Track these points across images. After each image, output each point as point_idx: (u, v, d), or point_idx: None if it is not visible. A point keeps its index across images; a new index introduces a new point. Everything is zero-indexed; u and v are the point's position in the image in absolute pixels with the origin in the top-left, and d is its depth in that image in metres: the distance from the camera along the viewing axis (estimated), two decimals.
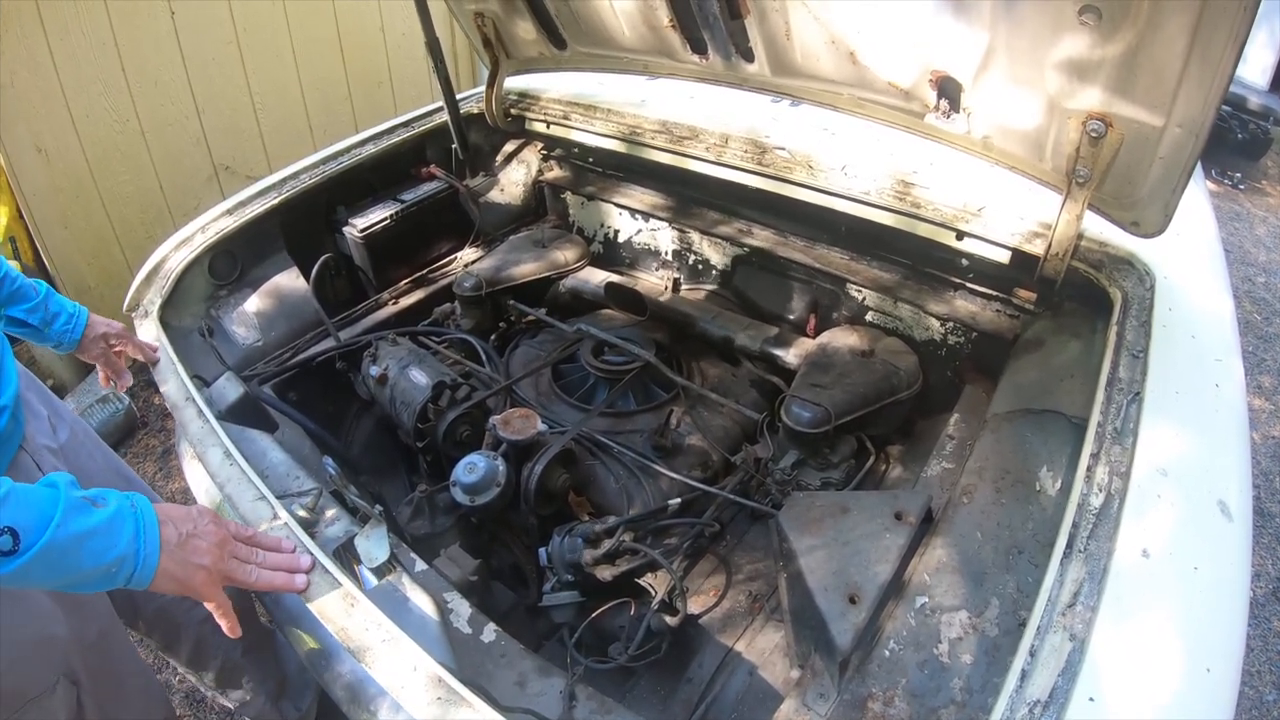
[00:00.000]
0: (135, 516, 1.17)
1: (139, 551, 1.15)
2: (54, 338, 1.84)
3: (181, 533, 1.22)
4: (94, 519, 1.12)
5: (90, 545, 1.10)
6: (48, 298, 1.82)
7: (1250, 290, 5.33)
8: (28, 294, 1.78)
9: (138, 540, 1.15)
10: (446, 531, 1.94)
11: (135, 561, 1.15)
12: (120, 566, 1.13)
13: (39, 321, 1.80)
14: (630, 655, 1.60)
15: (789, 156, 2.24)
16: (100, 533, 1.12)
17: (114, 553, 1.12)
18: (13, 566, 1.04)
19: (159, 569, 1.17)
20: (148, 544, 1.16)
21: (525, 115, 2.89)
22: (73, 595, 1.64)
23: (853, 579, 1.38)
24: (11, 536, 1.03)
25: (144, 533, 1.17)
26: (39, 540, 1.05)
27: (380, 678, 1.26)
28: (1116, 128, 1.56)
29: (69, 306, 1.86)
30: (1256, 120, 6.84)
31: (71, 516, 1.09)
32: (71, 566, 1.09)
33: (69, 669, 1.62)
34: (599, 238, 3.03)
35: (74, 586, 1.14)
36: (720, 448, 2.07)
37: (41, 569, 1.06)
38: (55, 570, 1.09)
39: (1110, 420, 1.43)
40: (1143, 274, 1.77)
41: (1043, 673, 1.08)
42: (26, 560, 1.04)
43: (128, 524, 1.15)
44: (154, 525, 1.18)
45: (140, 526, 1.17)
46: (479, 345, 2.33)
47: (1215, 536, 1.30)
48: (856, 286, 2.34)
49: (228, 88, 4.00)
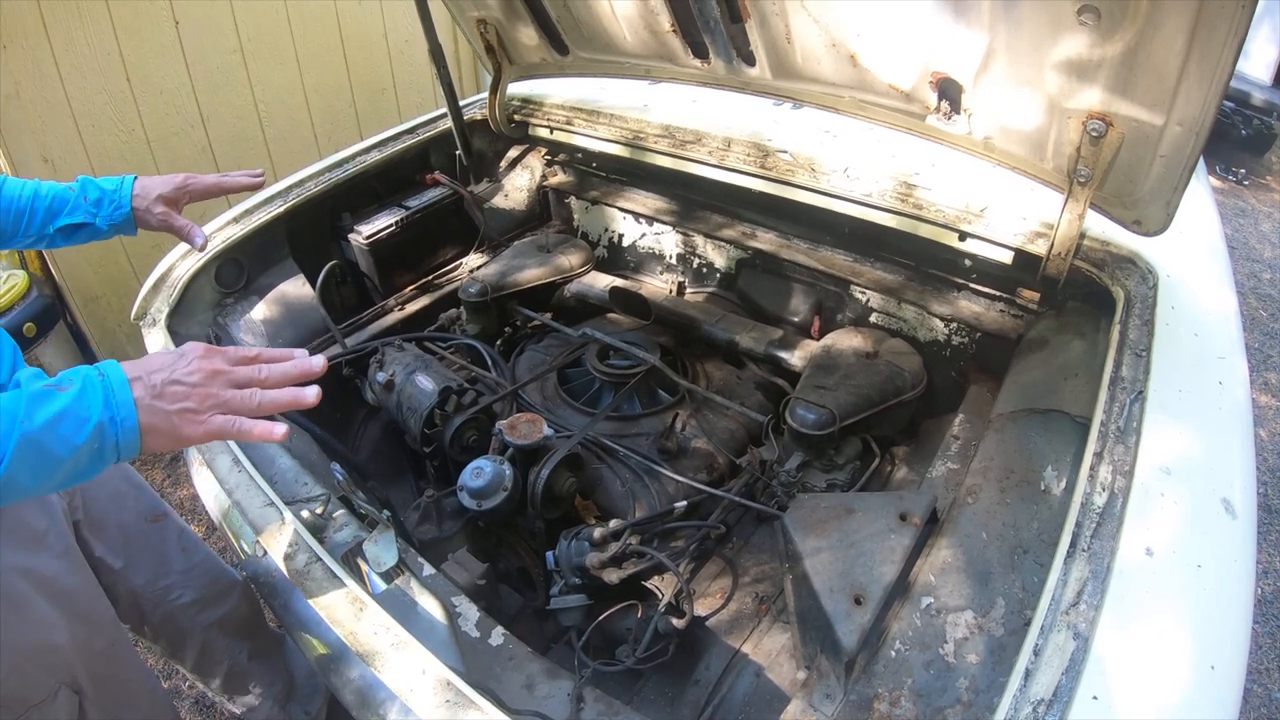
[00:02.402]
0: (104, 384, 1.08)
1: (113, 417, 1.07)
2: (106, 223, 1.77)
3: (154, 383, 1.12)
4: (60, 401, 1.05)
5: (63, 430, 1.04)
6: (84, 189, 1.76)
7: (1256, 286, 5.31)
8: (65, 197, 1.74)
9: (110, 407, 1.07)
10: (454, 536, 1.95)
11: (114, 429, 1.07)
12: (101, 439, 1.06)
13: (86, 216, 1.75)
14: (638, 658, 1.60)
15: (791, 159, 2.25)
16: (70, 413, 1.05)
17: (88, 428, 1.05)
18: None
19: (141, 428, 1.10)
20: (121, 406, 1.08)
21: (529, 121, 2.89)
22: (77, 605, 1.65)
23: (858, 580, 1.38)
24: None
25: (114, 396, 1.08)
26: (11, 442, 1.00)
27: (390, 681, 1.27)
28: (1117, 127, 1.56)
29: (108, 185, 1.78)
30: (1260, 116, 6.82)
31: (36, 407, 1.03)
32: (52, 457, 1.04)
33: (71, 678, 1.62)
34: (603, 242, 3.04)
35: (70, 478, 1.09)
36: (725, 450, 2.07)
37: (25, 471, 1.01)
38: (39, 467, 1.03)
39: (1114, 419, 1.43)
40: (1145, 272, 1.77)
41: (1046, 671, 1.09)
42: (6, 466, 0.99)
43: (96, 394, 1.07)
44: (124, 386, 1.10)
45: (109, 391, 1.08)
46: (485, 350, 2.34)
47: (1219, 534, 1.30)
48: (860, 288, 2.34)
49: (232, 97, 4.00)
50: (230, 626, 2.17)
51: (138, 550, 1.91)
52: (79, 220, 1.74)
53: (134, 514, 1.91)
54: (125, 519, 1.88)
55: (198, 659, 2.15)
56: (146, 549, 1.93)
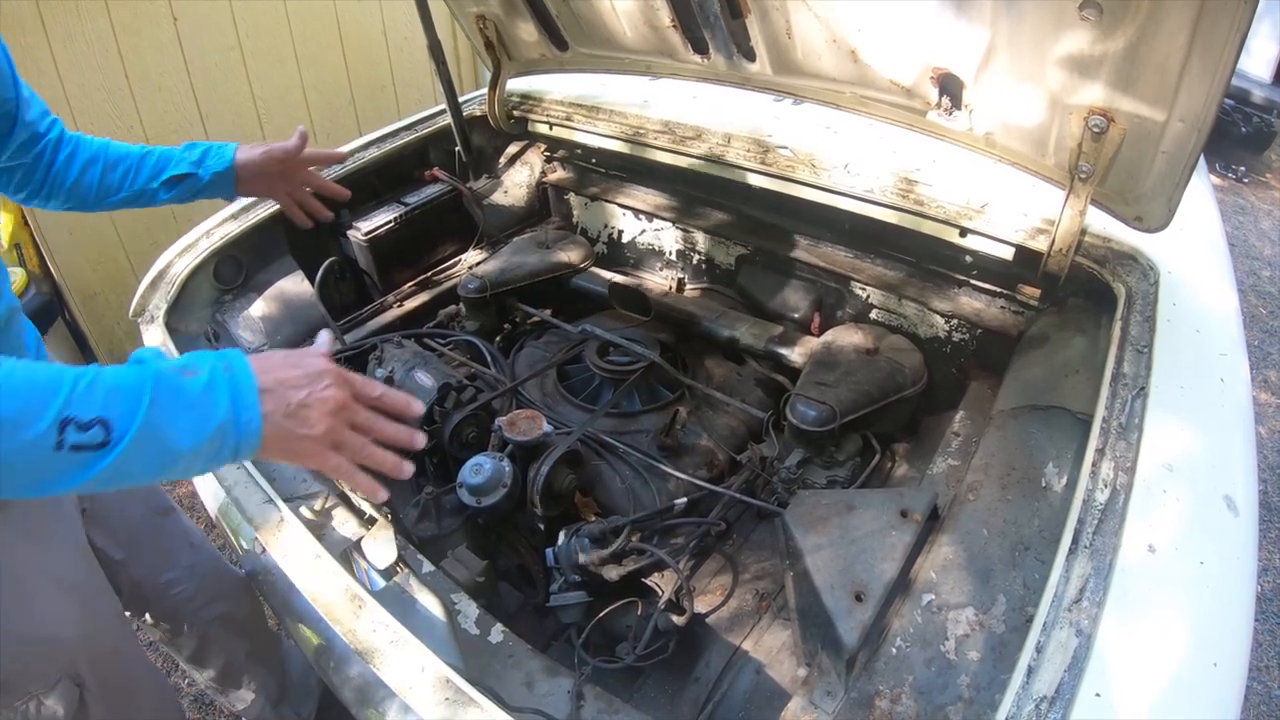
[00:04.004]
0: (230, 382, 1.05)
1: (238, 419, 1.04)
2: (209, 174, 1.82)
3: (290, 401, 1.10)
4: (187, 390, 1.01)
5: (185, 423, 1.00)
6: (191, 146, 1.83)
7: (1256, 284, 5.31)
8: (170, 153, 1.80)
9: (235, 408, 1.04)
10: (453, 533, 1.94)
11: (236, 433, 1.04)
12: (221, 441, 1.03)
13: (190, 167, 1.79)
14: (638, 655, 1.60)
15: (792, 155, 2.24)
16: (196, 407, 1.01)
17: (211, 426, 1.02)
18: (108, 461, 0.95)
19: (264, 440, 1.07)
20: (247, 410, 1.05)
21: (528, 117, 2.89)
22: (85, 600, 1.65)
23: (859, 577, 1.38)
24: (103, 428, 0.94)
25: (241, 397, 1.05)
26: (132, 426, 0.96)
27: (389, 679, 1.27)
28: (1118, 123, 1.55)
29: (213, 143, 1.85)
30: (1261, 114, 6.83)
31: (162, 390, 0.99)
32: (170, 447, 0.99)
33: (74, 670, 1.62)
34: (603, 238, 3.03)
35: (178, 472, 1.05)
36: (726, 447, 2.07)
37: (139, 456, 0.97)
38: (153, 454, 0.98)
39: (1115, 416, 1.43)
40: (1146, 269, 1.76)
41: (1049, 669, 1.08)
42: (121, 451, 0.95)
43: (223, 392, 1.04)
44: (251, 390, 1.06)
45: (237, 393, 1.05)
46: (484, 347, 2.33)
47: (1221, 531, 1.30)
48: (861, 284, 2.34)
49: (231, 94, 4.00)
50: (231, 623, 2.17)
51: (142, 544, 1.91)
52: (183, 171, 1.78)
53: (141, 508, 1.92)
54: (132, 512, 1.89)
55: (195, 650, 2.15)
56: (151, 543, 1.93)
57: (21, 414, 0.90)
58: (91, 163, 1.73)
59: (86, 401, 0.94)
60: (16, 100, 1.55)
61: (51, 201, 1.74)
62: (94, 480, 0.95)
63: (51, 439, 0.91)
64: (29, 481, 0.95)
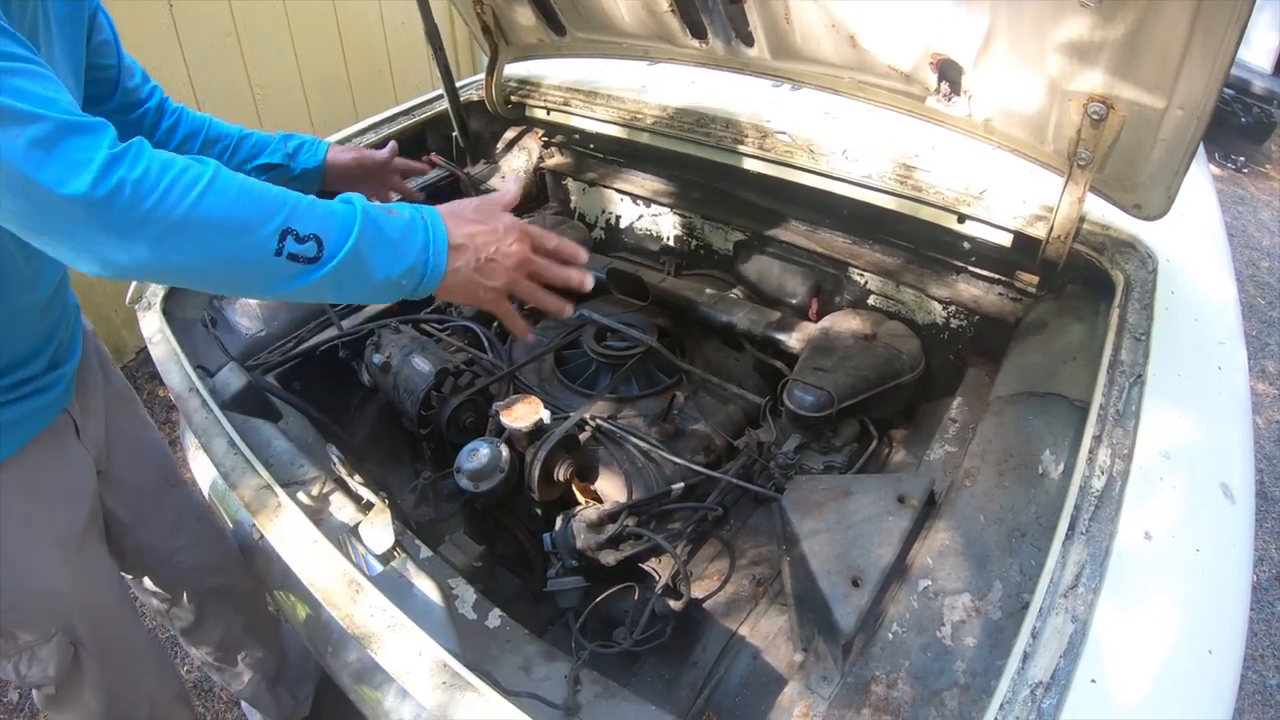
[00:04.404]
0: (426, 228, 1.21)
1: (426, 264, 1.20)
2: (300, 167, 1.92)
3: (479, 256, 1.27)
4: (389, 226, 1.16)
5: (382, 255, 1.15)
6: (286, 137, 1.93)
7: (1254, 274, 5.31)
8: (267, 140, 1.90)
9: (426, 252, 1.20)
10: (451, 518, 1.95)
11: (422, 272, 1.20)
12: (408, 277, 1.19)
13: (283, 158, 1.89)
14: (635, 639, 1.60)
15: (790, 141, 2.23)
16: (396, 243, 1.17)
17: (404, 264, 1.17)
18: (316, 275, 1.09)
19: (446, 283, 1.24)
20: (436, 257, 1.21)
21: (525, 102, 2.88)
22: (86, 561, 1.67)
23: (856, 562, 1.38)
24: (317, 243, 1.08)
25: (432, 245, 1.21)
26: (342, 249, 1.10)
27: (386, 663, 1.27)
28: (1118, 110, 1.55)
29: (308, 138, 1.95)
30: (1260, 104, 6.82)
31: (369, 225, 1.14)
32: (365, 274, 1.14)
33: (69, 627, 1.65)
34: (600, 224, 3.02)
35: (363, 296, 1.21)
36: (723, 432, 2.06)
37: (339, 277, 1.11)
38: (350, 278, 1.13)
39: (1112, 402, 1.43)
40: (1145, 257, 1.76)
41: (1044, 655, 1.09)
42: (330, 269, 1.09)
43: (418, 235, 1.20)
44: (442, 241, 1.22)
45: (428, 239, 1.21)
46: (481, 332, 2.33)
47: (1218, 519, 1.30)
48: (858, 270, 2.33)
49: (227, 81, 3.98)
50: (230, 597, 2.19)
51: (150, 511, 1.93)
52: (276, 161, 1.89)
53: (153, 476, 1.94)
54: (143, 479, 1.91)
55: (192, 622, 2.17)
56: (158, 512, 1.95)
57: (252, 216, 1.04)
58: (192, 136, 1.82)
59: (306, 218, 1.08)
60: (118, 67, 1.66)
61: None
62: (301, 290, 1.10)
63: (273, 245, 1.05)
64: (250, 280, 1.11)
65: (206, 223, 1.02)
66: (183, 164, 1.03)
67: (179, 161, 1.04)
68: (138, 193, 0.99)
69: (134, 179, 0.99)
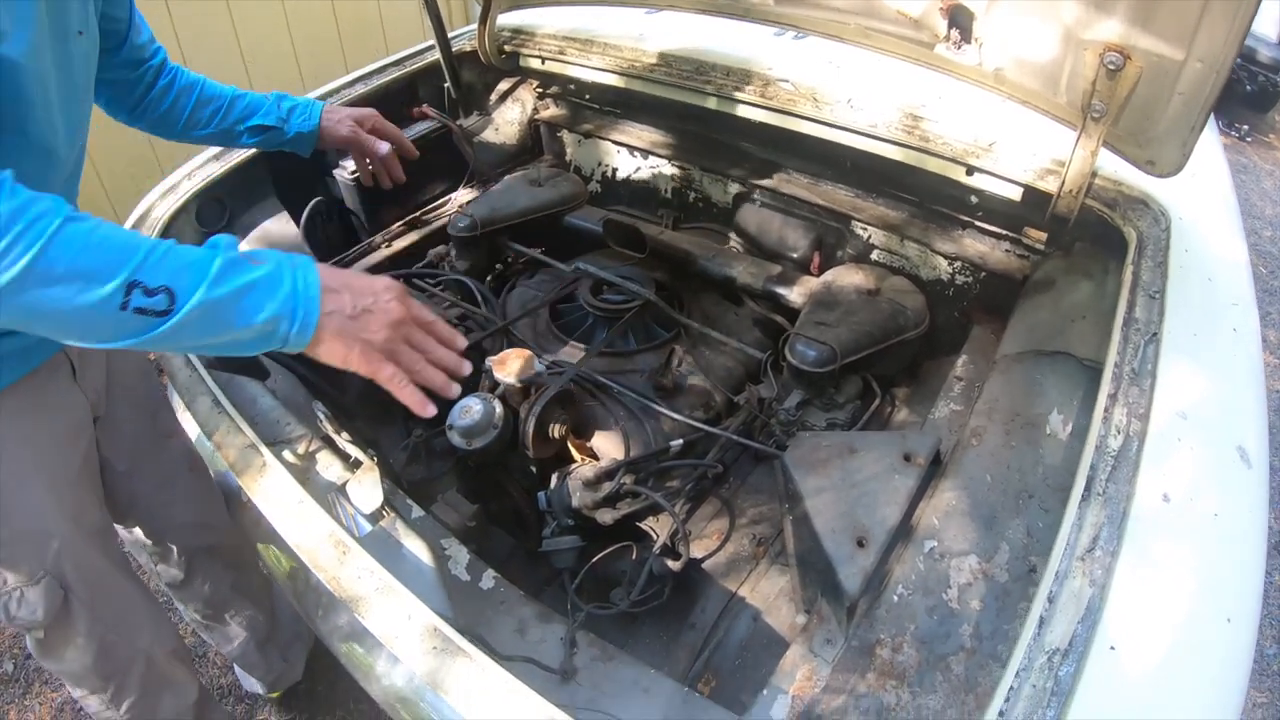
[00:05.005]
0: (294, 277, 1.13)
1: (295, 313, 1.12)
2: (293, 130, 1.92)
3: (357, 305, 1.19)
4: (249, 275, 1.09)
5: (244, 305, 1.08)
6: (280, 99, 1.92)
7: (1257, 244, 5.29)
8: (261, 102, 1.89)
9: (293, 300, 1.12)
10: (443, 476, 1.92)
11: (292, 322, 1.12)
12: (275, 327, 1.11)
13: (276, 120, 1.90)
14: (632, 601, 1.58)
15: (793, 89, 2.17)
16: (255, 289, 1.09)
17: (267, 313, 1.09)
18: (165, 326, 1.03)
19: (319, 335, 1.15)
20: (305, 306, 1.13)
21: (519, 52, 2.81)
22: (77, 504, 1.65)
23: (861, 521, 1.35)
24: (168, 296, 1.02)
25: (302, 294, 1.13)
26: (192, 299, 1.03)
27: (374, 628, 1.24)
28: (1135, 61, 1.49)
29: (301, 100, 1.95)
30: (1266, 72, 6.76)
31: (227, 275, 1.07)
32: (223, 325, 1.08)
33: (58, 570, 1.63)
34: (596, 176, 2.97)
35: (225, 347, 1.13)
36: (723, 388, 2.03)
37: (194, 328, 1.05)
38: (207, 329, 1.07)
39: (1128, 361, 1.39)
40: (1158, 214, 1.72)
41: (1061, 620, 1.05)
42: (179, 319, 1.03)
43: (285, 284, 1.12)
44: (313, 287, 1.14)
45: (298, 288, 1.13)
46: (474, 286, 2.28)
47: (1235, 483, 1.26)
48: (862, 224, 2.29)
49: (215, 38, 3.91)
50: (220, 553, 2.17)
51: (145, 460, 1.90)
52: (269, 123, 1.89)
53: (150, 426, 1.91)
54: (140, 428, 1.88)
55: (182, 578, 2.15)
56: (154, 462, 1.93)
57: (97, 271, 0.98)
58: (185, 96, 1.81)
59: (157, 270, 1.02)
60: (129, 23, 1.65)
61: (139, 123, 1.81)
62: (148, 342, 1.04)
63: (118, 300, 0.99)
64: (90, 333, 1.04)
65: (48, 276, 0.97)
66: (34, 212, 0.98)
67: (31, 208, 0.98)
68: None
69: None
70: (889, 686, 1.15)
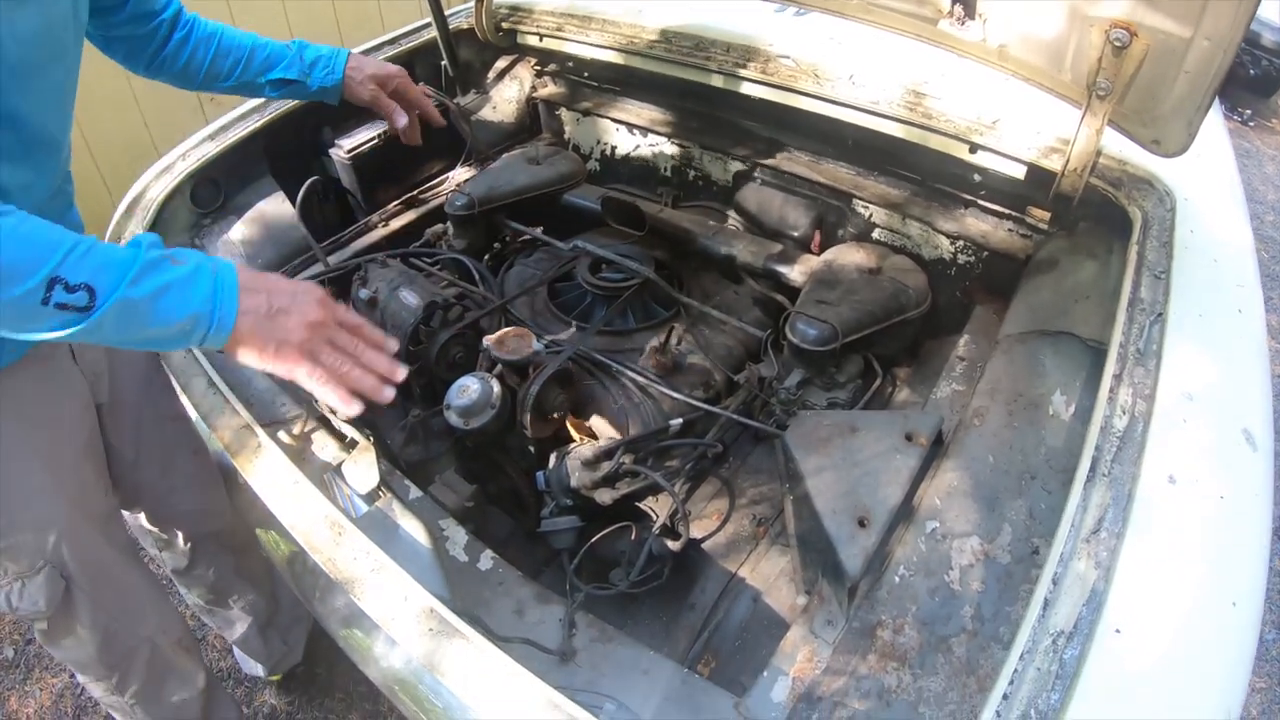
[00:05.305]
0: (214, 278, 1.15)
1: (213, 313, 1.13)
2: (316, 84, 1.88)
3: (274, 306, 1.19)
4: (168, 275, 1.11)
5: (162, 303, 1.10)
6: (302, 49, 1.87)
7: (1259, 228, 5.27)
8: (283, 53, 1.85)
9: (213, 300, 1.13)
10: (441, 457, 1.90)
11: (209, 322, 1.13)
12: (194, 325, 1.13)
13: (299, 74, 1.85)
14: (632, 581, 1.57)
15: (793, 65, 2.15)
16: (173, 289, 1.11)
17: (185, 311, 1.11)
18: (86, 322, 1.05)
19: (236, 334, 1.16)
20: (223, 306, 1.14)
21: (517, 29, 2.78)
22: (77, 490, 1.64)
23: (862, 501, 1.34)
24: (88, 293, 1.04)
25: (220, 294, 1.14)
26: (111, 297, 1.05)
27: (370, 610, 1.23)
28: (1141, 38, 1.47)
29: (325, 50, 1.89)
30: (1270, 57, 6.71)
31: (147, 274, 1.08)
32: (142, 322, 1.09)
33: (59, 560, 1.62)
34: (595, 155, 2.95)
35: (147, 343, 1.15)
36: (723, 367, 2.01)
37: (113, 325, 1.07)
38: (127, 326, 1.09)
39: (1133, 341, 1.38)
40: (1163, 194, 1.70)
41: (1066, 602, 1.04)
42: (98, 316, 1.04)
43: (204, 284, 1.13)
44: (231, 289, 1.16)
45: (217, 288, 1.14)
46: (472, 265, 2.26)
47: (1241, 466, 1.25)
48: (863, 203, 2.27)
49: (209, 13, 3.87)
50: (223, 539, 2.16)
51: (150, 446, 1.88)
52: (291, 76, 1.85)
53: (155, 411, 1.88)
54: (144, 414, 1.86)
55: (187, 564, 2.15)
56: (159, 447, 1.91)
57: (17, 267, 1.00)
58: (203, 48, 1.79)
59: (78, 268, 1.03)
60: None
61: (159, 76, 1.80)
62: (70, 335, 1.06)
63: (40, 295, 1.01)
64: (13, 326, 1.06)
65: None
66: None
67: None
68: None
69: None
70: (890, 668, 1.15)
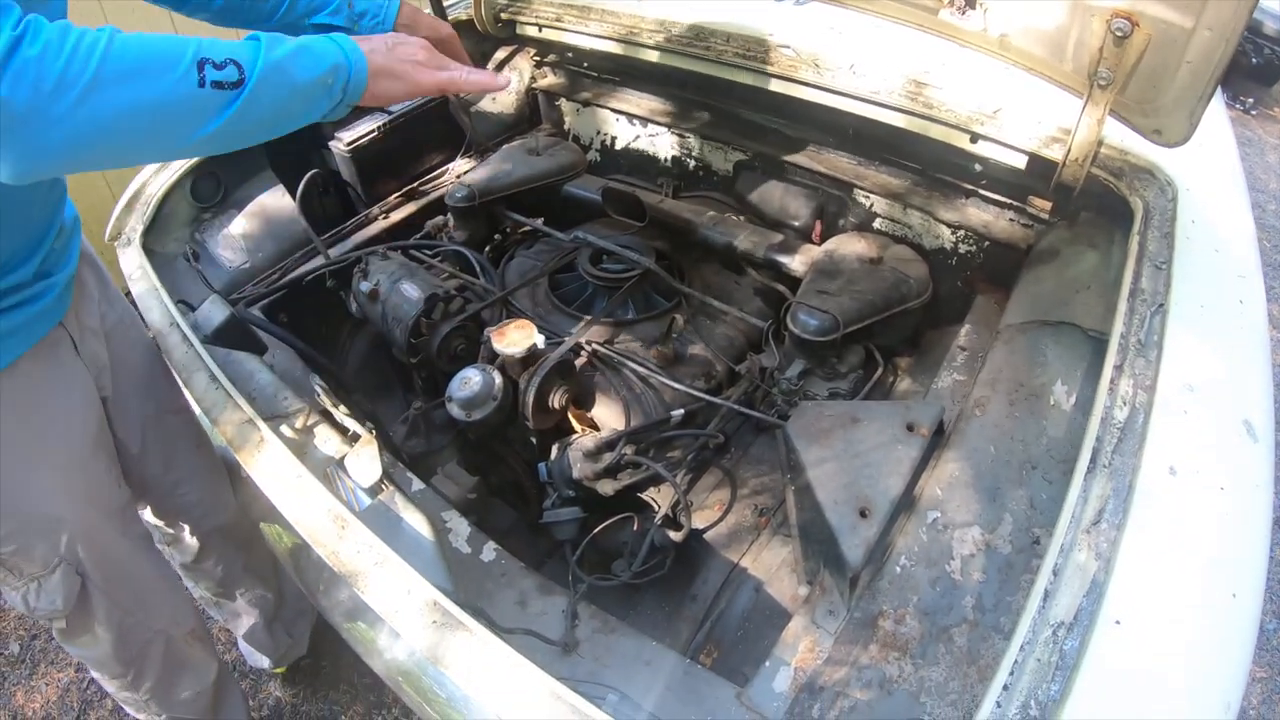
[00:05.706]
0: (329, 38, 1.24)
1: (348, 58, 1.23)
2: (363, 32, 1.75)
3: (388, 43, 1.32)
4: (293, 43, 1.17)
5: (301, 61, 1.16)
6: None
7: (1260, 218, 5.26)
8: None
9: (342, 51, 1.23)
10: (443, 449, 1.91)
11: (349, 68, 1.23)
12: (334, 76, 1.21)
13: (346, 21, 1.75)
14: (634, 572, 1.57)
15: (794, 55, 2.14)
16: (304, 51, 1.18)
17: (325, 64, 1.20)
18: (242, 97, 1.10)
19: (373, 70, 1.27)
20: (353, 52, 1.24)
21: (516, 20, 2.76)
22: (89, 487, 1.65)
23: (864, 492, 1.34)
24: (236, 67, 1.09)
25: (343, 43, 1.24)
26: (257, 65, 1.10)
27: (373, 603, 1.23)
28: (1143, 27, 1.47)
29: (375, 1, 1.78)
30: (1271, 45, 6.73)
31: (275, 44, 1.15)
32: (290, 84, 1.16)
33: (74, 557, 1.63)
34: (595, 145, 2.94)
35: (291, 117, 1.21)
36: (724, 357, 2.02)
37: (268, 93, 1.12)
38: (277, 91, 1.14)
39: (1134, 332, 1.38)
40: (1164, 184, 1.70)
41: (1066, 593, 1.05)
42: (253, 85, 1.10)
43: (325, 43, 1.22)
44: (347, 39, 1.26)
45: (338, 41, 1.24)
46: (473, 257, 2.26)
47: (1241, 457, 1.26)
48: (864, 193, 2.26)
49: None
50: (230, 533, 2.18)
51: (154, 440, 1.90)
52: (338, 23, 1.76)
53: (157, 405, 1.90)
54: (148, 408, 1.87)
55: (195, 558, 2.16)
56: (162, 440, 1.92)
57: (164, 57, 1.04)
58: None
59: (215, 49, 1.08)
60: None
61: (199, 14, 1.79)
62: (231, 119, 1.10)
63: (194, 77, 1.06)
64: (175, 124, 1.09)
65: (121, 72, 1.02)
66: (79, 30, 1.02)
67: (75, 29, 1.02)
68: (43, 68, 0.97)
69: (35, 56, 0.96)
70: (891, 658, 1.15)
